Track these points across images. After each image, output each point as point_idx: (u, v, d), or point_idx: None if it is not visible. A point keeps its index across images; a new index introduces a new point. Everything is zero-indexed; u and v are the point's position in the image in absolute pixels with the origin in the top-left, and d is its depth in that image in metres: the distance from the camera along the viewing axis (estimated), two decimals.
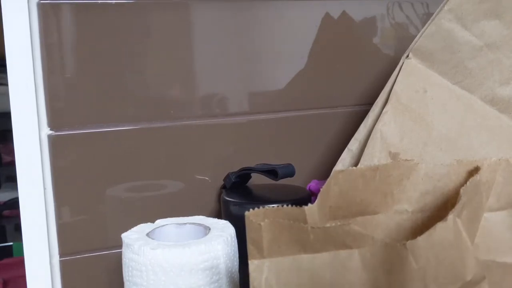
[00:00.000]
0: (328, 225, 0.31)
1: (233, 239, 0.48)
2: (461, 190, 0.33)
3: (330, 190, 0.37)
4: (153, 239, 0.47)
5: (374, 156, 0.49)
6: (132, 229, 0.50)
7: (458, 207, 0.33)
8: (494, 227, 0.37)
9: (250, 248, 0.32)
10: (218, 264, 0.45)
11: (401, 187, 0.37)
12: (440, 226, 0.31)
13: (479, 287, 0.34)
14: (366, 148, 0.50)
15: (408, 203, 0.38)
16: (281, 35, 0.67)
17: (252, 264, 0.32)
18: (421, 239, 0.31)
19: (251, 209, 0.33)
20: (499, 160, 0.37)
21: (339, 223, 0.31)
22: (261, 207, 0.33)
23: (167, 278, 0.44)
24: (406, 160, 0.37)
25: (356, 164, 0.52)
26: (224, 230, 0.48)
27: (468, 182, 0.34)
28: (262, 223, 0.32)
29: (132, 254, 0.45)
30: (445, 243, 0.31)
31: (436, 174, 0.38)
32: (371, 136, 0.50)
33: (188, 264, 0.44)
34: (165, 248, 0.44)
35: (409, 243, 0.31)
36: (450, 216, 0.32)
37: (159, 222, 0.52)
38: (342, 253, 0.32)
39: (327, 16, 0.68)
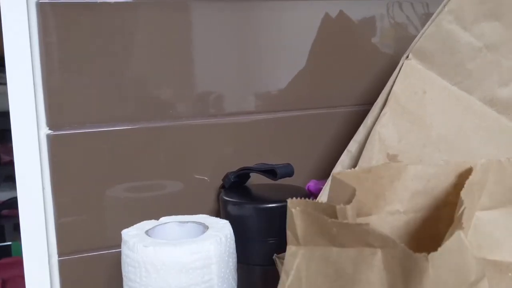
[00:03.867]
0: (345, 221, 0.31)
1: (228, 239, 0.47)
2: (461, 194, 0.33)
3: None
4: (151, 236, 0.47)
5: (372, 158, 0.49)
6: (134, 225, 0.50)
7: (461, 211, 0.32)
8: (486, 225, 0.37)
9: (288, 234, 0.34)
10: (209, 264, 0.45)
11: (392, 188, 0.38)
12: (456, 233, 0.31)
13: (480, 285, 0.33)
14: (364, 150, 0.50)
15: (400, 203, 0.38)
16: (280, 35, 0.66)
17: (289, 249, 0.34)
18: (441, 250, 0.30)
19: (294, 198, 0.34)
20: (491, 160, 0.37)
21: (354, 222, 0.31)
22: (294, 198, 0.34)
23: (157, 275, 0.44)
24: (396, 161, 0.38)
25: (355, 165, 0.52)
26: (220, 230, 0.48)
27: (465, 185, 0.34)
28: (293, 210, 0.33)
29: (128, 251, 0.46)
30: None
31: (426, 174, 0.38)
32: (369, 138, 0.50)
33: (178, 263, 0.44)
34: (156, 246, 0.44)
35: (431, 255, 0.30)
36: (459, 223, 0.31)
37: (163, 219, 0.52)
38: (366, 251, 0.32)
39: (327, 16, 0.68)
